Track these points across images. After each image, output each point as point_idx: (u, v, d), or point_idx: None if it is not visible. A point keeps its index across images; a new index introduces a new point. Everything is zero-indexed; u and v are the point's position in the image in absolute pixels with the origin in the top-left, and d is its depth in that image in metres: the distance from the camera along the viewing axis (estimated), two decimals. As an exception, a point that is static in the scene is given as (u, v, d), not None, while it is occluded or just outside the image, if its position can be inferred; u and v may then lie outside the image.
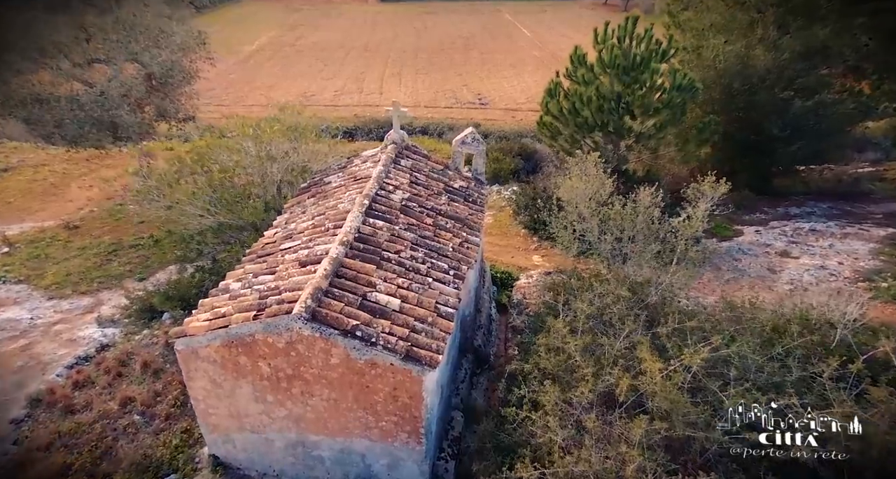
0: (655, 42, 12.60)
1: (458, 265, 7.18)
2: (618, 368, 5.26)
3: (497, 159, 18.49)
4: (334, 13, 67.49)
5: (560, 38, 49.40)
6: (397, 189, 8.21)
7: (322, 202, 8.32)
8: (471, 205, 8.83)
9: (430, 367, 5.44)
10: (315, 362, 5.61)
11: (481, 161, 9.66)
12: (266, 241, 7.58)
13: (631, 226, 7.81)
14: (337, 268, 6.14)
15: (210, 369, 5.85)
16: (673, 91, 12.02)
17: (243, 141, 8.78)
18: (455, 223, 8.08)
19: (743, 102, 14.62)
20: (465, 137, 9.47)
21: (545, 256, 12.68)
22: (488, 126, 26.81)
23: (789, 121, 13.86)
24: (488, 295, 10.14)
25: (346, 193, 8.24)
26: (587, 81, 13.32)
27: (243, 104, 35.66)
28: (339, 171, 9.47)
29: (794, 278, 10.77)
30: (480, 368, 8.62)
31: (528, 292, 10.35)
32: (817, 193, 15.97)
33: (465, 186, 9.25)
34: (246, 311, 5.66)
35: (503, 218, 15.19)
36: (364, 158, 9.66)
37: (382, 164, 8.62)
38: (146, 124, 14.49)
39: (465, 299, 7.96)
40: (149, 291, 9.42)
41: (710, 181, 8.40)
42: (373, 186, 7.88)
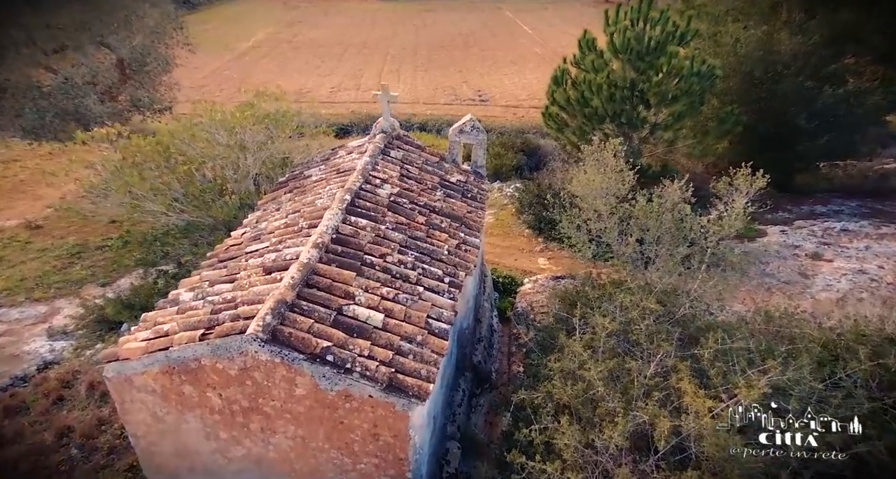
0: (673, 24, 11.52)
1: (455, 271, 6.11)
2: (651, 402, 4.20)
3: (498, 155, 17.41)
4: (333, 11, 66.77)
5: (562, 35, 48.78)
6: (385, 183, 7.14)
7: (299, 198, 7.26)
8: (469, 201, 7.76)
9: (419, 399, 4.38)
10: (276, 393, 4.54)
11: (481, 152, 8.60)
12: (231, 242, 6.52)
13: (656, 225, 6.73)
14: (308, 276, 5.08)
15: (149, 400, 4.79)
16: (693, 77, 10.94)
17: (210, 129, 7.73)
18: (451, 222, 7.02)
19: (765, 92, 13.52)
20: (464, 125, 8.41)
21: (552, 258, 11.59)
22: (489, 123, 25.78)
23: (817, 112, 12.76)
24: (489, 303, 9.07)
25: (326, 187, 7.18)
26: (597, 67, 12.25)
27: (236, 101, 34.76)
28: (322, 163, 8.42)
29: (829, 284, 9.70)
30: (480, 387, 7.55)
31: (534, 299, 9.28)
32: (842, 191, 14.89)
33: (464, 181, 8.19)
34: (193, 329, 4.59)
35: (505, 217, 14.10)
36: (350, 148, 8.60)
37: (369, 155, 7.55)
38: (117, 115, 13.41)
39: (462, 309, 6.90)
40: (108, 298, 8.37)
41: (744, 174, 7.33)
42: (356, 180, 6.82)
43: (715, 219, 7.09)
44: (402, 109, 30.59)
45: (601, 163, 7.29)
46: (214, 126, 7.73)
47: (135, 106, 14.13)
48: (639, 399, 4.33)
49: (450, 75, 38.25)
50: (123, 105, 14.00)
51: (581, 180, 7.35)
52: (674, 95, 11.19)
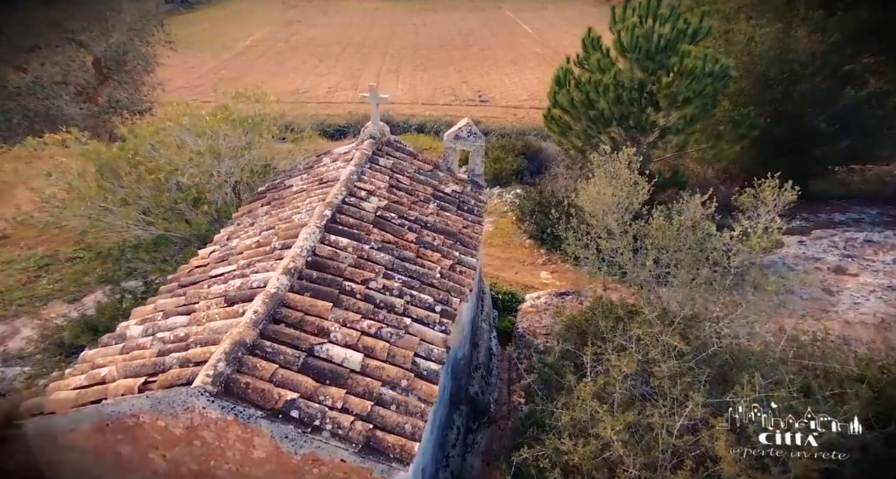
0: (685, 21, 10.79)
1: (448, 298, 5.38)
2: (683, 473, 3.47)
3: (498, 159, 16.66)
4: (332, 10, 66.33)
5: (563, 34, 48.38)
6: (372, 195, 6.41)
7: (277, 212, 6.54)
8: (466, 215, 7.03)
9: (401, 463, 3.65)
10: (231, 455, 3.81)
11: (479, 160, 7.87)
12: (196, 263, 5.79)
13: (676, 245, 6.00)
14: (275, 308, 4.36)
15: (80, 460, 4.06)
16: (706, 78, 10.20)
17: (181, 134, 7.00)
18: (445, 239, 6.29)
19: (779, 93, 12.79)
20: (460, 130, 7.68)
21: (555, 272, 10.85)
22: (489, 124, 25.15)
23: (836, 114, 12.02)
24: (488, 323, 8.33)
25: (306, 200, 6.45)
26: (603, 67, 11.52)
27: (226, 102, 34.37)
28: (305, 171, 7.69)
29: (857, 302, 8.97)
30: (478, 421, 6.82)
31: (537, 318, 8.55)
32: (860, 197, 14.14)
33: (460, 191, 7.46)
34: (134, 375, 3.87)
35: (505, 225, 13.34)
36: (335, 155, 7.87)
37: (354, 163, 6.83)
38: (94, 117, 12.65)
39: (457, 339, 6.18)
40: (69, 319, 7.64)
41: (771, 186, 6.61)
42: (339, 192, 6.09)
43: (739, 235, 6.37)
44: (400, 110, 29.93)
45: (613, 174, 6.55)
46: (184, 131, 7.01)
47: (112, 107, 13.38)
48: (665, 467, 3.60)
49: (449, 75, 37.73)
50: (101, 106, 13.26)
51: (590, 194, 6.62)
52: (686, 96, 10.45)
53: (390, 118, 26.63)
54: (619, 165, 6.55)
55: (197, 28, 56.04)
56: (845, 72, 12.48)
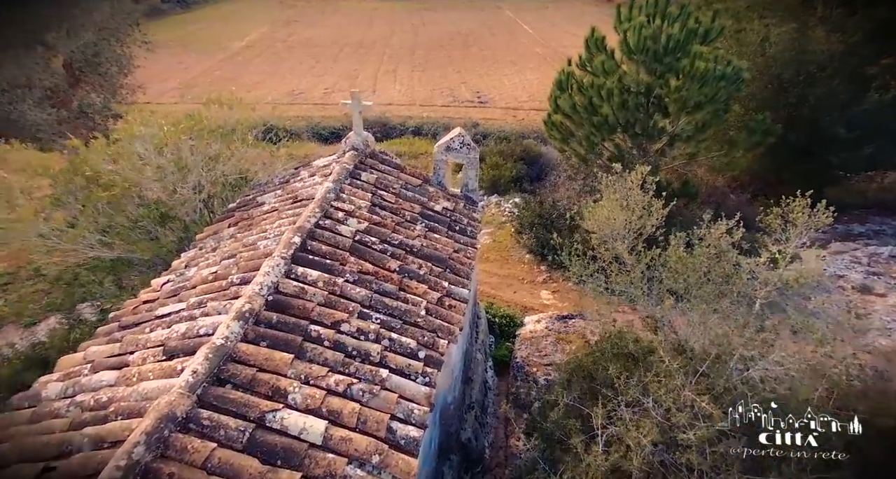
0: (696, 20, 10.03)
1: (434, 340, 4.63)
2: None
3: (496, 165, 15.89)
4: (330, 9, 65.84)
5: (563, 34, 47.99)
6: (350, 217, 5.66)
7: (243, 235, 5.78)
8: (458, 236, 6.28)
9: None
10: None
11: (473, 173, 7.12)
12: (145, 297, 5.03)
13: (697, 278, 5.25)
14: (220, 365, 3.61)
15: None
16: (719, 81, 9.44)
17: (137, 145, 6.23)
18: (433, 267, 5.54)
19: (794, 96, 12.03)
20: (452, 140, 6.93)
21: (556, 291, 10.08)
22: (488, 126, 24.48)
23: (856, 118, 11.27)
24: (483, 352, 7.57)
25: (276, 222, 5.70)
26: (607, 69, 10.77)
27: None
28: (280, 186, 6.94)
29: (889, 327, 8.22)
30: (470, 471, 6.06)
31: (537, 346, 7.79)
32: (878, 206, 13.39)
33: (451, 209, 6.71)
34: (33, 458, 3.11)
35: (503, 238, 12.56)
36: (314, 168, 7.13)
37: (332, 179, 6.08)
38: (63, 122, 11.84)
39: (446, 381, 5.43)
40: (16, 350, 6.89)
41: (801, 205, 5.87)
42: (312, 215, 5.34)
43: (766, 262, 5.62)
44: (397, 112, 29.27)
45: (623, 194, 5.78)
46: (144, 143, 6.24)
47: (84, 112, 12.56)
48: None
49: (448, 76, 37.19)
50: (73, 111, 12.47)
51: (598, 218, 5.85)
52: (697, 101, 9.70)
53: (387, 120, 25.93)
54: (631, 186, 5.78)
55: (193, 28, 55.49)
56: (866, 74, 11.72)
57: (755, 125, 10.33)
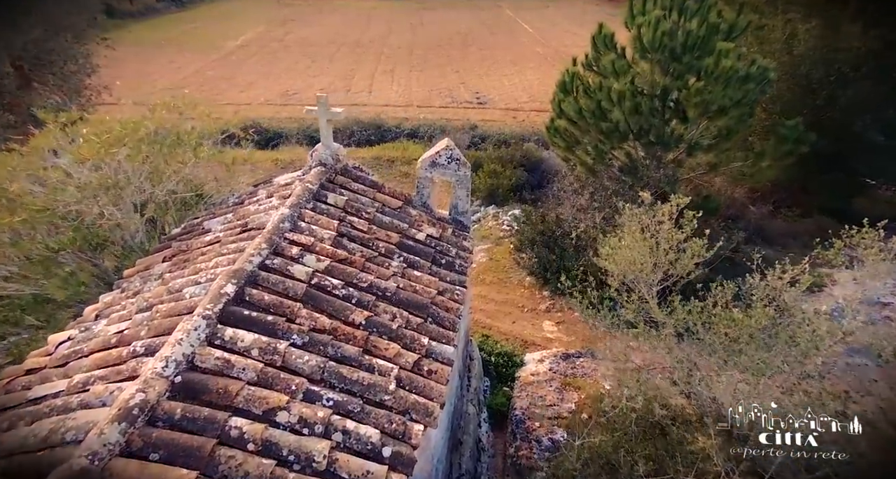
0: (718, 14, 8.88)
1: (405, 427, 3.50)
2: None
3: (494, 172, 14.72)
4: (328, 9, 65.18)
5: (564, 33, 47.37)
6: (308, 252, 4.53)
7: (173, 274, 4.65)
8: (444, 272, 5.15)
9: None
10: None
11: (464, 193, 5.98)
12: (31, 364, 3.89)
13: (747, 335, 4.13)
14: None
15: None
16: (748, 82, 8.29)
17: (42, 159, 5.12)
18: (410, 317, 4.41)
19: (824, 98, 10.87)
20: (438, 154, 5.79)
21: (561, 322, 8.89)
22: (487, 128, 23.47)
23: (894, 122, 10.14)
24: (476, 403, 6.40)
25: (215, 258, 4.57)
26: (618, 70, 9.62)
27: (217, 103, 33.07)
28: (232, 209, 5.81)
29: (949, 370, 7.08)
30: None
31: (539, 393, 6.63)
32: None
33: (437, 237, 5.57)
34: None
35: (501, 256, 11.36)
36: (274, 187, 6.00)
37: (290, 204, 4.96)
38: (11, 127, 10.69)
39: (425, 466, 4.27)
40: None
41: (871, 236, 4.79)
42: (256, 252, 4.22)
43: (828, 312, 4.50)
44: (394, 113, 28.25)
45: (653, 233, 4.63)
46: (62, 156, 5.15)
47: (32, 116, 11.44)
48: None
49: (446, 76, 36.36)
50: (21, 115, 11.34)
51: (621, 260, 4.71)
52: (721, 105, 8.54)
53: (382, 122, 24.88)
54: (662, 220, 4.64)
55: (188, 27, 54.60)
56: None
57: (787, 132, 9.15)
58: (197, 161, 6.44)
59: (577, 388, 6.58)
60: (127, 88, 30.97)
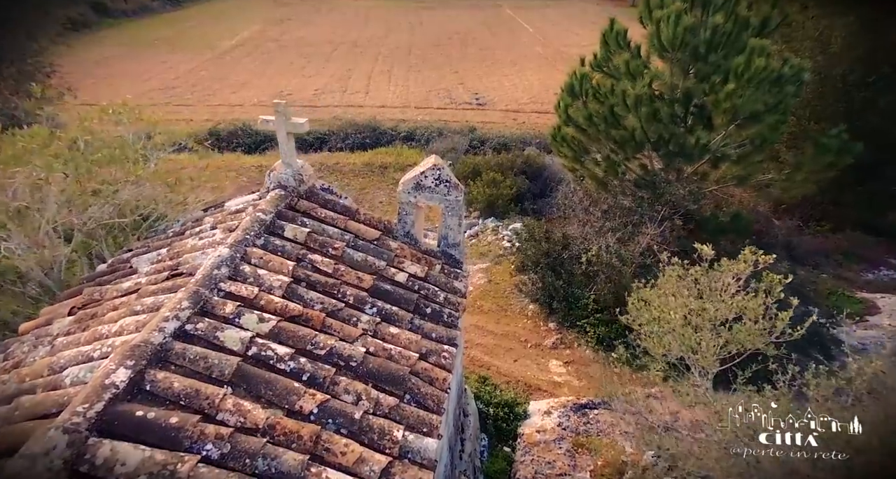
0: (747, 7, 7.79)
1: None
2: None
3: (494, 182, 13.59)
4: (325, 8, 64.43)
5: (565, 33, 46.70)
6: (249, 309, 3.45)
7: (70, 339, 3.55)
8: (428, 326, 4.06)
9: None
10: None
11: (455, 221, 4.87)
12: None
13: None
14: None
15: None
16: (786, 85, 7.19)
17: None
18: (381, 398, 3.32)
19: (861, 102, 9.78)
20: (423, 175, 4.69)
21: (570, 361, 7.66)
22: (486, 130, 22.50)
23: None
24: (471, 472, 5.26)
25: (121, 321, 3.46)
26: (633, 71, 8.53)
27: (208, 104, 32.21)
28: (169, 242, 4.70)
29: None
30: None
31: (546, 458, 5.49)
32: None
33: (422, 277, 4.48)
34: None
35: (501, 277, 10.18)
36: (225, 213, 4.91)
37: (232, 240, 3.87)
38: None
39: None
40: None
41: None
42: (171, 315, 3.14)
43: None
44: (390, 115, 27.27)
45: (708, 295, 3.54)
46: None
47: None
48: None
49: (445, 76, 35.48)
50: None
51: (666, 340, 3.59)
52: (753, 111, 7.43)
53: (377, 124, 23.87)
54: (724, 287, 3.53)
55: (183, 26, 53.70)
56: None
57: (829, 142, 8.02)
58: (136, 179, 5.34)
59: (592, 450, 5.47)
60: (112, 89, 29.94)
